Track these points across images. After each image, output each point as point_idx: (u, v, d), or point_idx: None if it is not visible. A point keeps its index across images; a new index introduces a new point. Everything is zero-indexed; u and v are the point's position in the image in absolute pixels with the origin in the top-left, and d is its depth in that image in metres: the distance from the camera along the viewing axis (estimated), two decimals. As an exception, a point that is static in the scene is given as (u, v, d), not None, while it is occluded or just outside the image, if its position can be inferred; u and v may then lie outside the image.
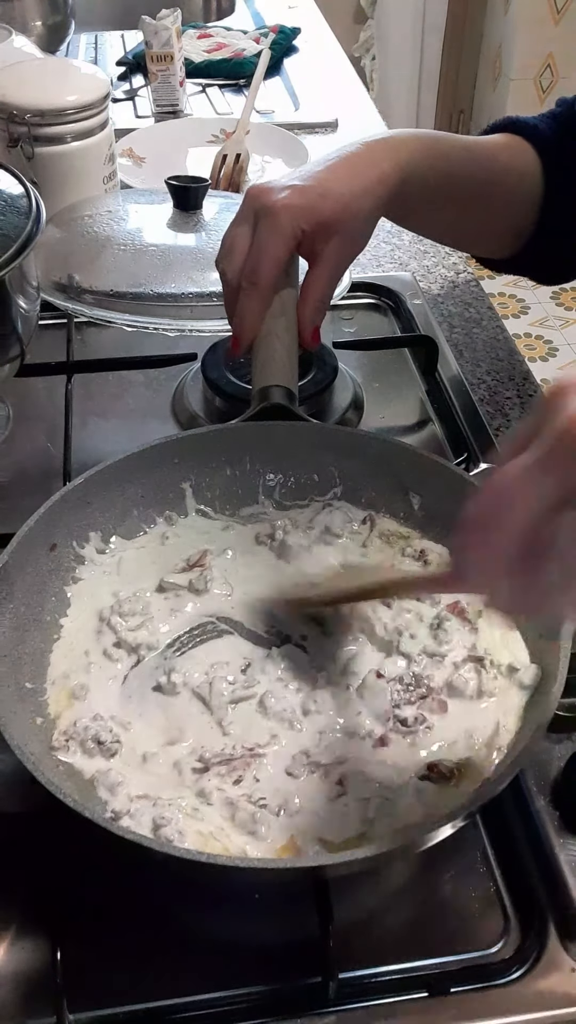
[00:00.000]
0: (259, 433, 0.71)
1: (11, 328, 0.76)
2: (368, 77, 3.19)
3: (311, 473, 0.73)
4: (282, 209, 0.70)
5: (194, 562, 0.68)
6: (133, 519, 0.70)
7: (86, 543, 0.68)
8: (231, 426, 0.72)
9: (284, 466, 0.73)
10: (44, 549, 0.65)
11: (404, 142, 0.77)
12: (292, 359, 0.73)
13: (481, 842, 0.59)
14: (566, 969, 0.53)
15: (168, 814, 0.53)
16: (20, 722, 0.56)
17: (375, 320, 1.04)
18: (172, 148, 1.34)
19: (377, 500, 0.72)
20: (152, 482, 0.70)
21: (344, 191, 0.72)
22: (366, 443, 0.72)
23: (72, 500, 0.66)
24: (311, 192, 0.71)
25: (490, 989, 0.53)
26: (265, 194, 0.72)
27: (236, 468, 0.72)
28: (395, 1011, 0.52)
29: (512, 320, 2.86)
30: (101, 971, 0.54)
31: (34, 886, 0.57)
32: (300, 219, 0.71)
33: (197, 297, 0.84)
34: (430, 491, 0.70)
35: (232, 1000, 0.53)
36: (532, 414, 0.43)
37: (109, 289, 0.84)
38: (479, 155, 0.82)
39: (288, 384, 0.72)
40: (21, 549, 0.61)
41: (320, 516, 0.71)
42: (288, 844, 0.53)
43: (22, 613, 0.61)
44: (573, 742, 0.62)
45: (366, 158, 0.75)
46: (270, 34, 1.66)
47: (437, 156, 0.79)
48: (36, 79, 1.06)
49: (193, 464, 0.71)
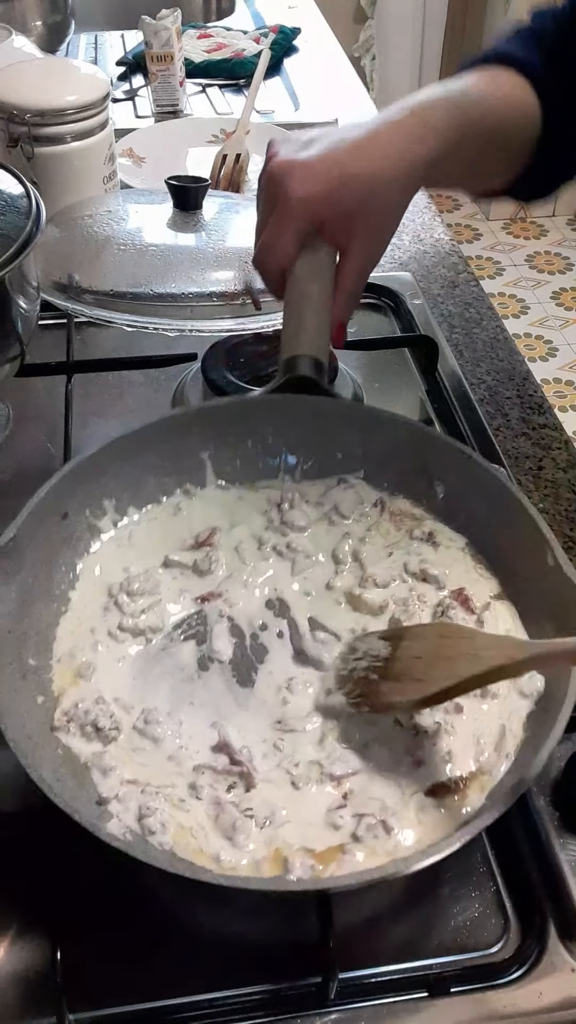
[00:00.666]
0: (283, 407, 0.68)
1: (11, 328, 0.76)
2: (368, 77, 3.18)
3: (335, 451, 0.70)
4: (297, 201, 0.66)
5: (202, 540, 0.67)
6: (149, 487, 0.68)
7: (100, 512, 0.66)
8: (254, 398, 0.70)
9: (307, 443, 0.70)
10: (56, 518, 0.63)
11: (437, 119, 0.70)
12: (324, 326, 0.69)
13: (481, 842, 0.59)
14: (566, 969, 0.53)
15: (154, 803, 0.53)
16: (21, 702, 0.55)
17: (375, 320, 1.04)
18: (172, 148, 1.34)
19: (400, 484, 0.70)
20: (170, 451, 0.68)
21: (372, 173, 0.67)
22: (395, 426, 0.69)
23: (87, 469, 0.64)
24: (332, 177, 0.66)
25: (490, 989, 0.53)
26: (283, 178, 0.67)
27: (257, 443, 0.70)
28: (395, 1011, 0.52)
29: (512, 320, 2.86)
30: (101, 971, 0.54)
31: (34, 886, 0.57)
32: (317, 210, 0.67)
33: (197, 297, 0.84)
34: (456, 482, 0.68)
35: (232, 1000, 0.53)
36: None
37: (109, 289, 0.84)
38: (503, 110, 0.76)
39: (318, 354, 0.68)
40: (32, 520, 0.59)
41: (333, 492, 0.70)
42: (273, 856, 0.52)
43: (30, 584, 0.60)
44: (573, 742, 0.62)
45: (399, 135, 0.69)
46: (270, 34, 1.66)
47: (468, 127, 0.72)
48: (36, 79, 1.06)
49: (212, 435, 0.69)
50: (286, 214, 0.67)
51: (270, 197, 0.69)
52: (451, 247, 1.17)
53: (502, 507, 0.64)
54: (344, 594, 0.65)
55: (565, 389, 2.63)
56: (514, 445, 0.89)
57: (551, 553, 0.60)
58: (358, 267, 0.70)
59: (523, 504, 0.63)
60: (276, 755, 0.57)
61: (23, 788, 0.60)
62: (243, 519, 0.69)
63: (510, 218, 3.33)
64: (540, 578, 0.61)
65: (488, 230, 3.29)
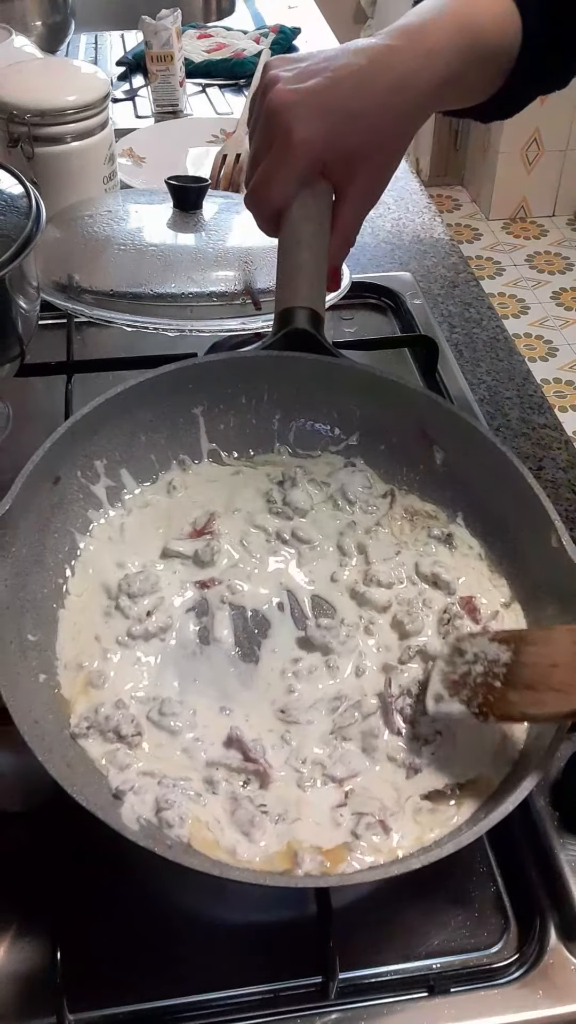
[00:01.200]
0: (279, 365, 0.66)
1: (11, 328, 0.76)
2: (368, 77, 3.18)
3: (331, 412, 0.69)
4: (299, 143, 0.62)
5: (201, 527, 0.65)
6: (140, 446, 0.67)
7: (93, 475, 0.64)
8: (249, 354, 0.67)
9: (303, 404, 0.69)
10: (47, 484, 0.61)
11: (438, 42, 0.65)
12: (320, 273, 0.66)
13: (481, 842, 0.59)
14: (566, 969, 0.53)
15: (173, 796, 0.53)
16: (23, 683, 0.54)
17: (375, 320, 1.03)
18: (172, 148, 1.34)
19: (398, 449, 0.68)
20: (163, 408, 0.66)
21: (378, 111, 0.63)
22: (396, 389, 0.67)
23: (79, 431, 0.62)
24: (336, 116, 0.62)
25: (490, 989, 0.53)
26: (285, 113, 0.63)
27: (252, 400, 0.68)
28: (395, 1011, 0.52)
29: (512, 320, 2.86)
30: (101, 971, 0.54)
31: (34, 886, 0.57)
32: (320, 151, 0.63)
33: (197, 297, 0.84)
34: (455, 448, 0.66)
35: (232, 1000, 0.53)
36: None
37: (109, 289, 0.84)
38: (489, 31, 0.70)
39: (314, 305, 0.66)
40: (26, 490, 0.57)
41: (340, 473, 0.68)
42: (285, 851, 0.52)
43: (24, 555, 0.58)
44: (573, 742, 0.62)
45: (403, 63, 0.64)
46: (270, 34, 1.66)
47: (467, 51, 0.67)
48: (36, 79, 1.06)
49: (206, 391, 0.67)
50: (287, 154, 0.63)
51: (269, 131, 0.64)
52: (451, 247, 1.17)
53: (506, 481, 0.63)
54: (348, 589, 0.65)
55: (565, 389, 2.63)
56: (514, 445, 0.89)
57: (555, 535, 0.59)
58: (357, 208, 0.67)
59: (528, 483, 0.62)
60: (284, 748, 0.57)
61: (23, 789, 0.60)
62: (243, 502, 0.67)
63: (510, 218, 3.33)
64: (542, 559, 0.60)
65: (488, 230, 3.29)
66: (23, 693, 0.53)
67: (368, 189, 0.67)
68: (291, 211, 0.65)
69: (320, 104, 0.62)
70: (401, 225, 1.19)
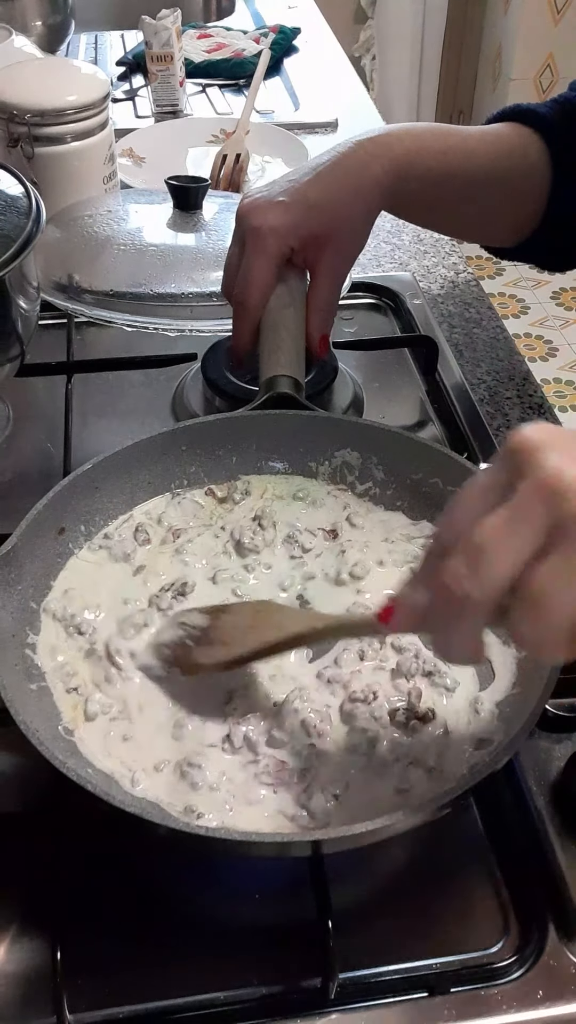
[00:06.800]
0: (266, 422, 0.72)
1: (11, 328, 0.76)
2: (368, 77, 3.18)
3: (319, 462, 0.73)
4: (268, 232, 0.71)
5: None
6: (140, 503, 0.71)
7: (95, 529, 0.68)
8: (239, 415, 0.73)
9: (290, 456, 0.73)
10: (53, 532, 0.65)
11: (398, 139, 0.75)
12: (299, 349, 0.74)
13: (481, 842, 0.59)
14: (566, 969, 0.53)
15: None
16: (29, 703, 0.56)
17: (375, 320, 1.04)
18: (172, 148, 1.34)
19: (385, 483, 0.72)
20: (160, 468, 0.71)
21: (333, 200, 0.72)
22: (376, 433, 0.72)
23: (81, 484, 0.67)
24: (298, 208, 0.72)
25: (490, 989, 0.53)
26: (252, 214, 0.72)
27: (242, 456, 0.73)
28: (395, 1011, 0.52)
29: (512, 320, 2.86)
30: (101, 971, 0.54)
31: (34, 886, 0.57)
32: (287, 238, 0.72)
33: (197, 297, 0.85)
34: (436, 481, 0.70)
35: (232, 1000, 0.53)
36: (497, 466, 0.43)
37: (109, 289, 0.85)
38: (481, 151, 0.80)
39: (295, 374, 0.73)
40: (30, 531, 0.62)
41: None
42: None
43: (30, 595, 0.62)
44: (573, 742, 0.62)
45: (356, 160, 0.74)
46: (270, 34, 1.66)
47: (434, 154, 0.77)
48: (36, 79, 1.06)
49: (200, 452, 0.72)
50: (259, 244, 0.72)
51: (240, 231, 0.73)
52: (451, 247, 1.17)
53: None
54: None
55: (565, 389, 2.63)
56: (514, 445, 0.89)
57: None
58: (330, 284, 0.75)
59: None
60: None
61: (23, 789, 0.60)
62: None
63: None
64: None
65: (488, 230, 3.29)
66: (29, 708, 0.55)
67: (336, 266, 0.75)
68: (269, 300, 0.74)
69: (281, 202, 0.72)
70: (401, 225, 1.19)
